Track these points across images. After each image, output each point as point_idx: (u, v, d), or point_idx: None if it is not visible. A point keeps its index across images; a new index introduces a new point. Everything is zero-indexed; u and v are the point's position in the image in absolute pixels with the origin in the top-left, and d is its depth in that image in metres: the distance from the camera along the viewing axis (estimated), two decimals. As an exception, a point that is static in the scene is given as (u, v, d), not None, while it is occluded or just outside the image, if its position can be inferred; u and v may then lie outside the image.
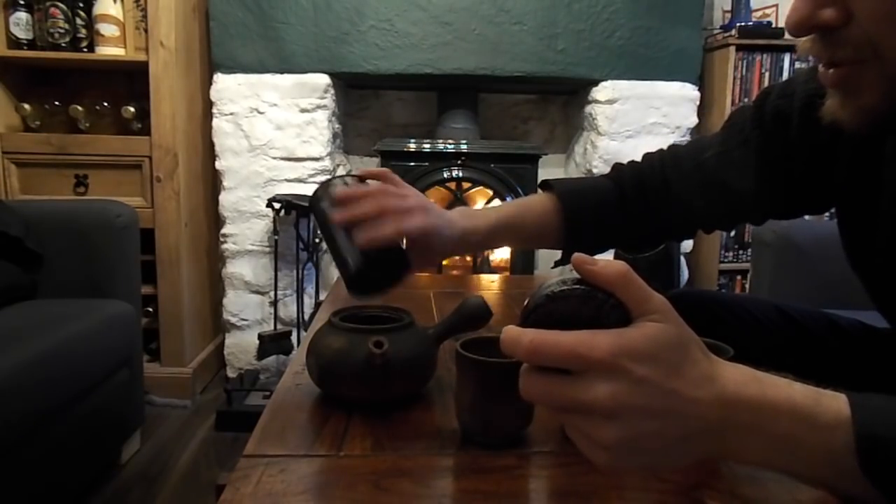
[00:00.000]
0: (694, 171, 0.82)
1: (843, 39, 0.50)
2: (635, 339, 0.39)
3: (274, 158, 2.20)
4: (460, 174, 2.23)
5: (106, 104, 2.10)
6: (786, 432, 0.41)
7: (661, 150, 0.88)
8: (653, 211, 0.85)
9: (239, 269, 2.24)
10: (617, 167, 0.90)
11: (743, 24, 2.35)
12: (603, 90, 2.22)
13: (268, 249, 2.21)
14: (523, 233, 0.86)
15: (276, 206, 2.04)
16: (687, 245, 2.32)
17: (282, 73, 2.15)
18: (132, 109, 2.04)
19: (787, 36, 2.35)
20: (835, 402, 0.41)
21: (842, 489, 0.42)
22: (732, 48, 2.30)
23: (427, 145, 2.22)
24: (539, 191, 0.90)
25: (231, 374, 2.28)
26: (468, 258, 2.44)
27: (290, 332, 2.14)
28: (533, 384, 0.41)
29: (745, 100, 2.35)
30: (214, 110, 2.18)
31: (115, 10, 2.00)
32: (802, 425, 0.41)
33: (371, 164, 2.53)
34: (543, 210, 0.86)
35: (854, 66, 0.51)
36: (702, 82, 2.35)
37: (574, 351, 0.39)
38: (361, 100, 2.54)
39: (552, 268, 0.89)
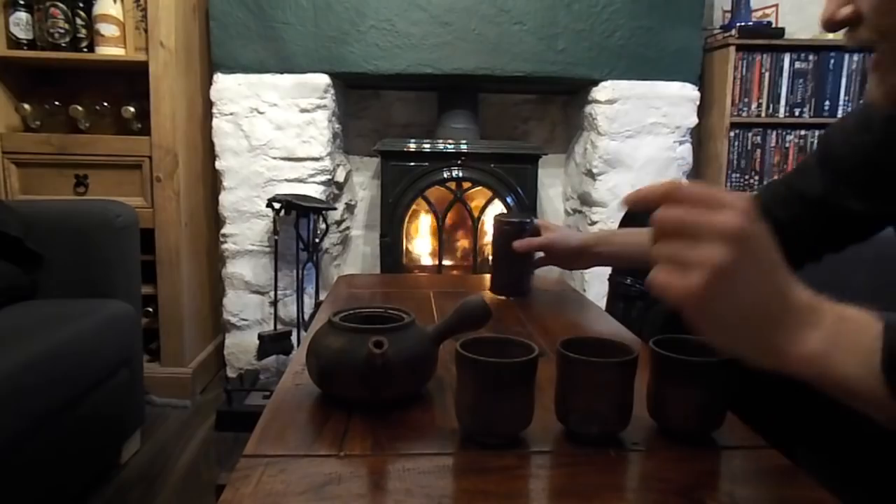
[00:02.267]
0: (793, 197, 0.85)
1: (861, 32, 0.54)
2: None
3: (274, 158, 2.20)
4: (460, 174, 2.23)
5: (106, 104, 2.10)
6: (848, 331, 0.47)
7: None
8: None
9: (239, 269, 2.24)
10: None
11: (743, 23, 2.35)
12: (603, 90, 2.22)
13: (268, 249, 2.21)
14: (628, 243, 1.07)
15: (276, 206, 2.04)
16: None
17: (282, 73, 2.15)
18: (132, 109, 2.04)
19: (787, 35, 2.35)
20: (874, 318, 0.47)
21: (876, 397, 0.46)
22: (732, 48, 2.30)
23: (427, 145, 2.22)
24: None
25: (231, 374, 2.28)
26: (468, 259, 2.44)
27: (290, 332, 2.14)
28: (672, 210, 0.47)
29: (745, 100, 2.35)
30: (214, 110, 2.18)
31: (115, 10, 2.00)
32: (865, 327, 0.47)
33: (371, 164, 2.53)
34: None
35: (876, 54, 0.55)
36: (702, 82, 2.35)
37: (714, 192, 0.46)
38: (361, 100, 2.54)
39: None
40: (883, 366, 0.44)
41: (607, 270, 2.02)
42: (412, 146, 2.21)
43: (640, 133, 2.25)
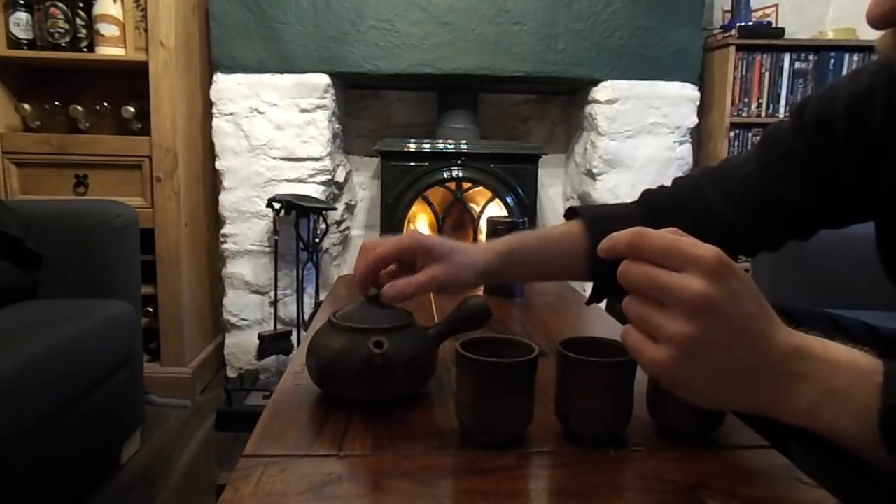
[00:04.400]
0: (735, 188, 0.78)
1: None
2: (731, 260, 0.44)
3: (274, 158, 2.20)
4: (460, 174, 2.23)
5: (106, 104, 2.10)
6: (842, 386, 0.43)
7: (692, 173, 0.85)
8: (690, 233, 0.81)
9: (239, 269, 2.24)
10: (647, 192, 0.85)
11: (743, 23, 2.35)
12: (603, 90, 2.22)
13: (268, 249, 2.21)
14: (543, 257, 0.81)
15: (276, 206, 2.04)
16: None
17: (282, 73, 2.15)
18: (132, 109, 2.04)
19: (787, 35, 2.35)
20: (873, 361, 0.44)
21: (870, 448, 0.43)
22: (732, 48, 2.30)
23: (427, 145, 2.22)
24: (563, 219, 0.86)
25: (231, 374, 2.28)
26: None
27: (290, 332, 2.14)
28: (633, 267, 0.45)
29: (745, 100, 2.35)
30: (214, 110, 2.18)
31: (115, 10, 2.00)
32: (860, 381, 0.43)
33: (371, 164, 2.53)
34: (566, 234, 0.80)
35: None
36: (702, 82, 2.36)
37: (678, 244, 0.44)
38: (361, 100, 2.54)
39: (586, 303, 0.86)
40: (880, 428, 0.42)
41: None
42: (412, 146, 2.21)
43: (640, 133, 2.25)
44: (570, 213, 0.85)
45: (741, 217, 0.77)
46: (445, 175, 2.23)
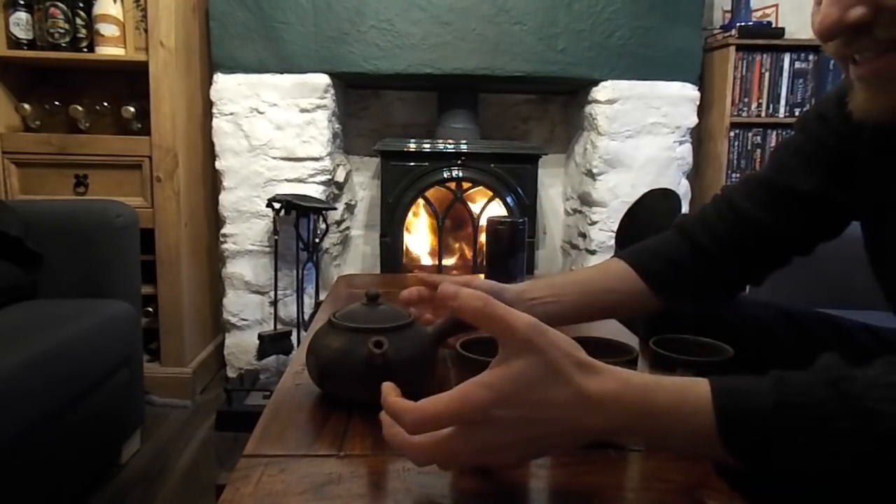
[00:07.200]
0: (756, 188, 0.81)
1: (873, 35, 0.51)
2: (502, 385, 0.45)
3: (274, 158, 2.20)
4: (460, 174, 2.23)
5: (106, 104, 2.10)
6: (655, 428, 0.46)
7: (726, 187, 0.90)
8: (722, 239, 0.83)
9: (239, 269, 2.24)
10: (680, 218, 0.89)
11: (743, 23, 2.35)
12: (603, 90, 2.22)
13: (268, 249, 2.21)
14: (597, 290, 0.85)
15: (276, 206, 2.04)
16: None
17: (282, 73, 2.15)
18: (132, 109, 2.04)
19: (787, 35, 2.35)
20: (698, 389, 0.46)
21: (718, 458, 0.46)
22: (732, 48, 2.30)
23: (427, 145, 2.22)
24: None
25: (231, 374, 2.28)
26: (468, 256, 2.44)
27: (290, 332, 2.14)
28: (420, 451, 0.48)
29: (745, 100, 2.35)
30: (214, 110, 2.18)
31: (115, 10, 2.00)
32: (669, 421, 0.45)
33: (371, 164, 2.53)
34: (618, 269, 0.84)
35: (884, 57, 0.53)
36: (702, 82, 2.35)
37: (450, 412, 0.46)
38: (361, 100, 2.54)
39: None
40: (725, 448, 0.45)
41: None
42: (412, 146, 2.21)
43: (640, 133, 2.25)
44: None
45: (765, 212, 0.79)
46: (445, 175, 2.23)
